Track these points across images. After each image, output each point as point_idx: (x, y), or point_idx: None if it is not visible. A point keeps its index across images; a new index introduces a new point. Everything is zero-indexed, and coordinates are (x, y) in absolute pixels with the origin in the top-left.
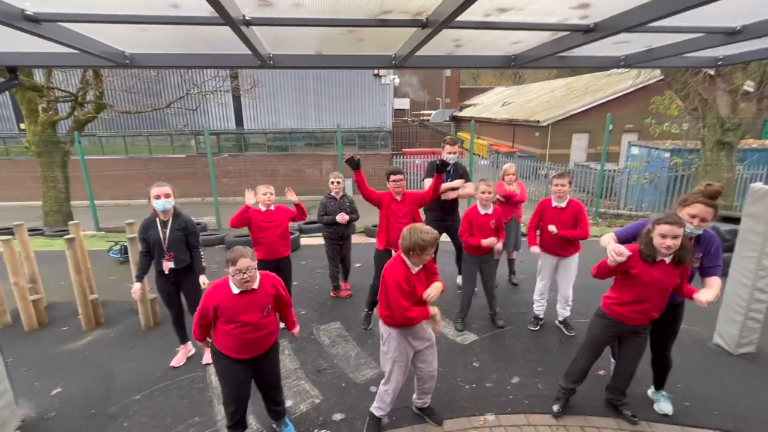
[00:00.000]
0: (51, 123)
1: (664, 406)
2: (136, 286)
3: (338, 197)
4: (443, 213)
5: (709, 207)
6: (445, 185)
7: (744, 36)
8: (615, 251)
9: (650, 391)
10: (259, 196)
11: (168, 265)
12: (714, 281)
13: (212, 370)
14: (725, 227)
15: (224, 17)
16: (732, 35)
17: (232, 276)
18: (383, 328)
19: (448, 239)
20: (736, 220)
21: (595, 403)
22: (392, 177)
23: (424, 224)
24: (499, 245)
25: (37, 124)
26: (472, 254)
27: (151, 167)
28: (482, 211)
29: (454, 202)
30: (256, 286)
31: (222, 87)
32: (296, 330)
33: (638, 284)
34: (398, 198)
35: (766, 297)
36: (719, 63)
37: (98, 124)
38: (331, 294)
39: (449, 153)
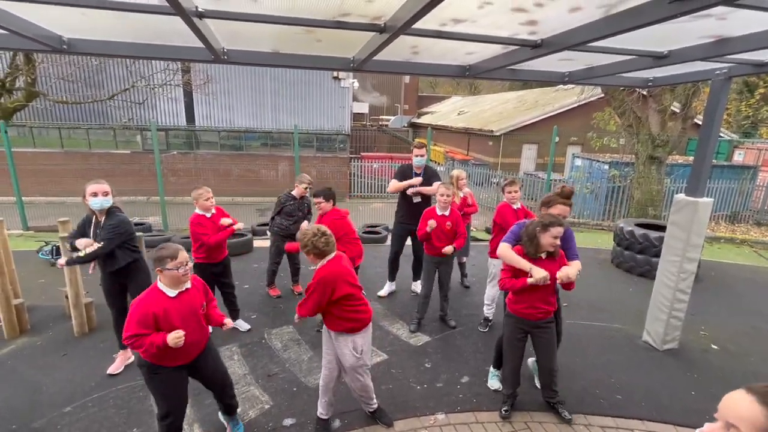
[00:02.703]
0: None
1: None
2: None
3: (299, 198)
4: (409, 217)
5: (566, 206)
6: (414, 188)
7: (670, 60)
8: (545, 277)
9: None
10: (201, 203)
11: (62, 262)
12: (576, 263)
13: None
14: (654, 234)
15: (175, 7)
16: (660, 59)
17: (174, 272)
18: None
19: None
20: (663, 228)
21: (539, 401)
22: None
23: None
24: (449, 248)
25: None
26: (430, 254)
27: (90, 163)
28: (440, 212)
29: (421, 206)
30: (189, 285)
31: (172, 81)
32: (226, 320)
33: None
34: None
35: (686, 297)
36: (650, 84)
37: (29, 114)
38: (268, 291)
39: (417, 155)
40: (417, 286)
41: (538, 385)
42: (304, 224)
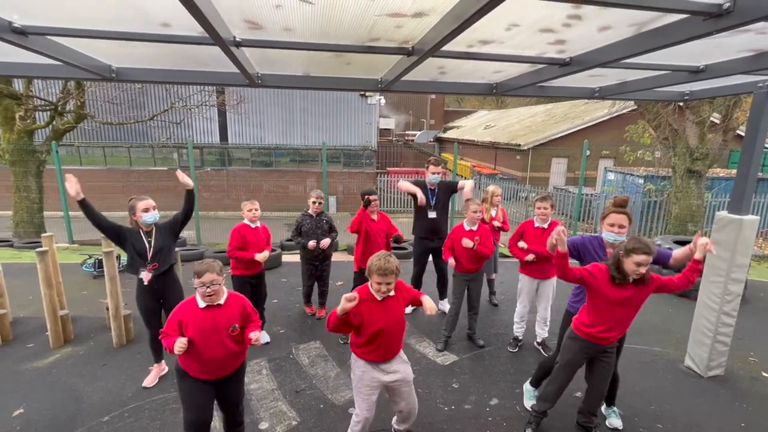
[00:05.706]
0: (27, 132)
1: (614, 421)
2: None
3: (315, 215)
4: (427, 232)
5: (620, 214)
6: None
7: (707, 75)
8: (559, 232)
9: (603, 408)
10: (245, 213)
11: (147, 276)
12: None
13: None
14: None
15: (215, 38)
16: (696, 73)
17: (197, 289)
18: (352, 355)
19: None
20: None
21: (568, 425)
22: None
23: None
24: (468, 242)
25: (13, 133)
26: (460, 272)
27: (131, 179)
28: (467, 228)
29: (437, 221)
30: (222, 301)
31: (207, 101)
32: (251, 335)
33: (609, 305)
34: (374, 217)
35: (732, 321)
36: (686, 97)
37: (77, 134)
38: (305, 309)
39: (433, 173)
40: (443, 305)
41: None
42: (326, 241)
